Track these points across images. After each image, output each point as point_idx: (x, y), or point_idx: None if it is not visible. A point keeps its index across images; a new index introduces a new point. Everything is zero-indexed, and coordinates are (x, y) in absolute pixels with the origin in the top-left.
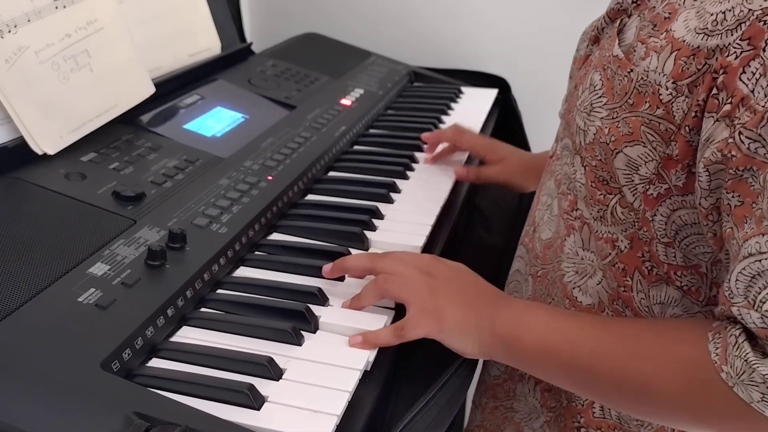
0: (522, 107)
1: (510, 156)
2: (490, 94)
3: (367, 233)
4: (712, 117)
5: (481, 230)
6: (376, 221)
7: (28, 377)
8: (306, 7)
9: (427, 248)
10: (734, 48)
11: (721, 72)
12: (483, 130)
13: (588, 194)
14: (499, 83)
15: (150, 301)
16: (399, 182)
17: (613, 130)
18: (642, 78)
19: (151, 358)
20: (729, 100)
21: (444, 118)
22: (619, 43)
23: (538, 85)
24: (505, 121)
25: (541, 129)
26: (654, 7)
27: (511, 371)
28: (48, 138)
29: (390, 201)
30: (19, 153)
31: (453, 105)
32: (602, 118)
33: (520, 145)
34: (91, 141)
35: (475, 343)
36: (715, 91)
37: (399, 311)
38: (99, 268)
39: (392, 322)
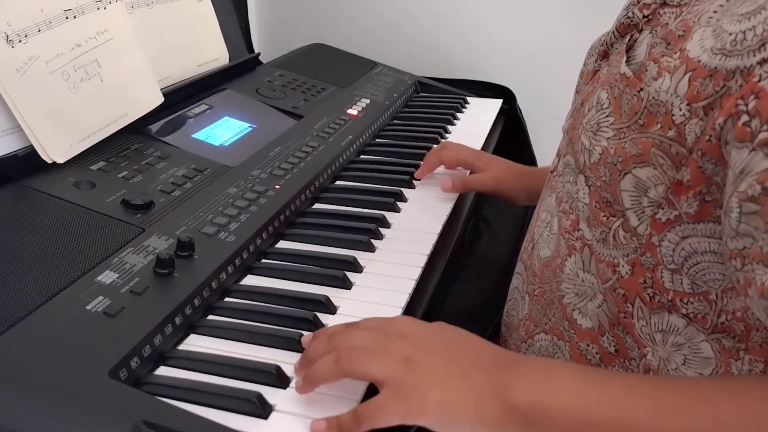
0: (527, 117)
1: (496, 163)
2: (495, 104)
3: (374, 242)
4: (746, 147)
5: (487, 240)
6: (382, 230)
7: (36, 385)
8: (313, 19)
9: (433, 257)
10: (765, 73)
11: (751, 98)
12: (488, 140)
13: (591, 215)
14: (505, 93)
15: (158, 309)
16: (405, 191)
17: (620, 150)
18: (653, 98)
19: (159, 366)
20: (766, 127)
21: (449, 127)
22: (629, 60)
23: (543, 96)
24: (511, 131)
25: (547, 139)
26: (667, 23)
27: None
28: (57, 147)
29: (396, 210)
30: (29, 161)
31: (458, 115)
32: (608, 138)
33: (526, 155)
34: (100, 150)
35: (475, 425)
36: (746, 118)
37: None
38: (107, 276)
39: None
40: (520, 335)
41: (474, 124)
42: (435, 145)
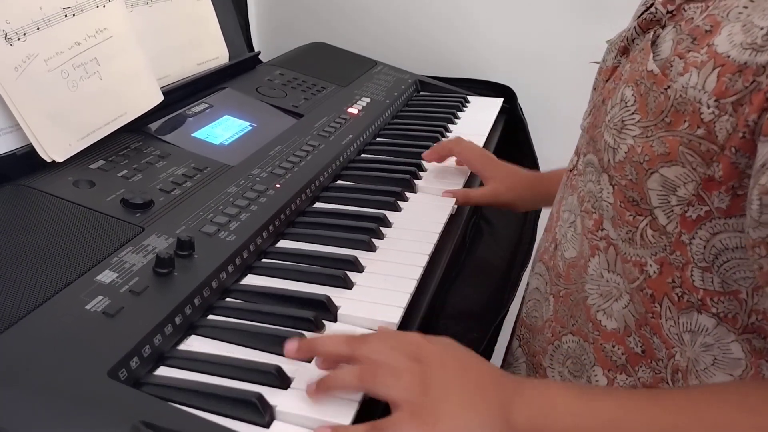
0: (528, 116)
1: (499, 175)
2: (495, 103)
3: (375, 241)
4: None
5: (488, 240)
6: (384, 229)
7: (34, 385)
8: (313, 18)
9: (434, 256)
10: None
11: None
12: (489, 138)
13: (616, 214)
14: (505, 92)
15: (158, 308)
16: (406, 190)
17: (647, 149)
18: (680, 95)
19: (158, 367)
20: None
21: (450, 126)
22: (653, 57)
23: (544, 94)
24: (512, 130)
25: (548, 138)
26: (692, 18)
27: None
28: (57, 145)
29: (397, 209)
30: (28, 160)
31: (459, 114)
32: (635, 136)
33: (526, 154)
34: (99, 149)
35: None
36: None
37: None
38: (107, 276)
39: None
40: (546, 337)
41: (475, 123)
42: (435, 144)
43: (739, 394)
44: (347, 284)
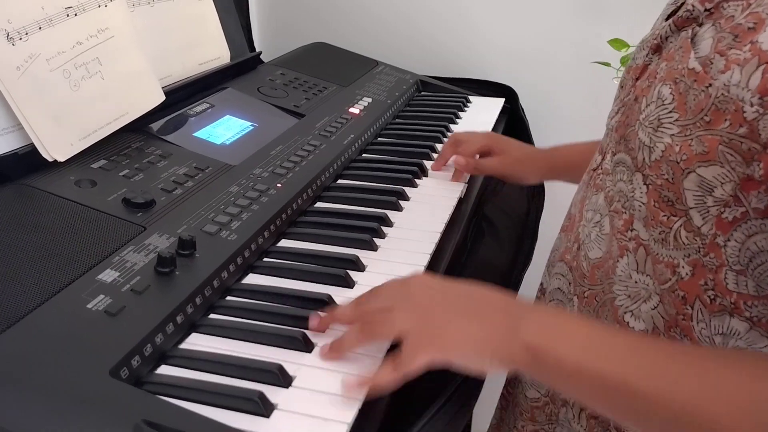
0: (529, 116)
1: (509, 148)
2: (497, 103)
3: (377, 240)
4: None
5: (489, 240)
6: (385, 229)
7: (36, 384)
8: (314, 18)
9: (436, 256)
10: None
11: None
12: None
13: (649, 215)
14: (507, 92)
15: (159, 308)
16: (408, 190)
17: (685, 148)
18: (722, 93)
19: (160, 366)
20: None
21: (452, 126)
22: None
23: (545, 94)
24: (513, 130)
25: (549, 138)
26: (732, 16)
27: (553, 394)
28: (58, 145)
29: (399, 209)
30: (30, 160)
31: (460, 114)
32: (672, 135)
33: None
34: (101, 148)
35: (493, 357)
36: None
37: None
38: (108, 275)
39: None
40: None
41: (476, 123)
42: (437, 144)
43: (751, 361)
44: (349, 283)
